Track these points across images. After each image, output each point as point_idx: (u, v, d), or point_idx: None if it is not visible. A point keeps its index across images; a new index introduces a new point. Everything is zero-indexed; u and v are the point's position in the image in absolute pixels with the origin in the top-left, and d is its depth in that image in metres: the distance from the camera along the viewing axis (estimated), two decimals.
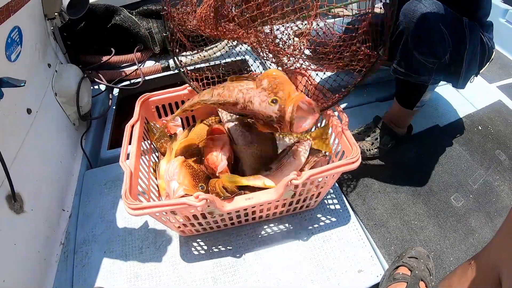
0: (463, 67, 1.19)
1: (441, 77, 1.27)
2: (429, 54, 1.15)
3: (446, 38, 1.12)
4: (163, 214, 0.98)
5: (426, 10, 1.10)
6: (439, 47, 1.13)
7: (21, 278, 1.04)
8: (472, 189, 1.36)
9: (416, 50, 1.17)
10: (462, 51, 1.16)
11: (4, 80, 0.92)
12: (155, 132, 1.28)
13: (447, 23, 1.11)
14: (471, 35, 1.15)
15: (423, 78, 1.23)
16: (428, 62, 1.17)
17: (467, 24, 1.15)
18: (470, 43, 1.16)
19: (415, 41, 1.15)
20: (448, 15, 1.12)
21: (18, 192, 1.08)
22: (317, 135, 1.16)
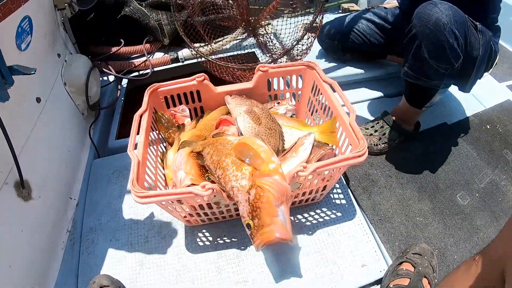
0: (473, 72, 1.19)
1: (452, 82, 1.27)
2: (443, 60, 1.14)
3: (460, 43, 1.11)
4: (169, 203, 0.99)
5: (442, 15, 1.08)
6: (453, 53, 1.12)
7: (27, 265, 1.05)
8: (479, 188, 1.36)
9: (429, 56, 1.16)
10: (475, 57, 1.15)
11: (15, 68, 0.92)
12: (163, 122, 1.28)
13: (461, 29, 1.10)
14: (483, 40, 1.15)
15: (434, 83, 1.23)
16: (441, 67, 1.17)
17: (480, 30, 1.14)
18: (482, 49, 1.15)
19: (429, 47, 1.14)
20: (463, 20, 1.11)
21: (26, 180, 1.10)
22: (324, 129, 1.16)
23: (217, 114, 1.30)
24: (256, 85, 1.33)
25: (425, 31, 1.13)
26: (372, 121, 1.51)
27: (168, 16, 1.92)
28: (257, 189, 0.86)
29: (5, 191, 1.01)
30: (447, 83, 1.26)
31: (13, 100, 0.99)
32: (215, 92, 1.31)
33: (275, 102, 1.38)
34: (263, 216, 0.84)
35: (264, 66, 1.28)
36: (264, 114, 1.20)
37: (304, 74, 1.32)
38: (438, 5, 1.10)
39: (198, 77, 1.26)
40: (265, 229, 0.84)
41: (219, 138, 1.08)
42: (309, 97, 1.34)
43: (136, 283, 1.10)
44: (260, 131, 1.16)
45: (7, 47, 1.08)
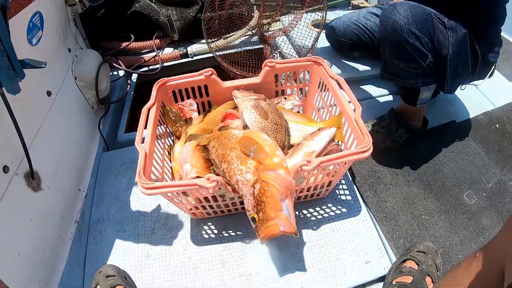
0: (448, 71, 1.17)
1: (432, 79, 1.25)
2: (408, 60, 1.15)
3: (424, 42, 1.11)
4: (175, 194, 1.00)
5: (399, 17, 1.09)
6: (417, 53, 1.12)
7: (35, 254, 1.07)
8: (486, 187, 1.35)
9: (395, 58, 1.18)
10: (445, 54, 1.14)
11: (26, 61, 0.94)
12: (171, 116, 1.30)
13: (423, 28, 1.10)
14: (454, 36, 1.13)
15: (410, 82, 1.23)
16: (410, 67, 1.17)
17: (450, 26, 1.12)
18: (453, 46, 1.13)
19: (391, 50, 1.17)
20: (426, 18, 1.10)
21: (36, 171, 1.12)
22: (330, 124, 1.16)
23: (224, 109, 1.31)
24: (264, 81, 1.33)
25: (386, 34, 1.15)
26: (379, 118, 1.50)
27: (178, 12, 1.94)
28: (262, 183, 0.87)
29: (15, 182, 1.03)
30: (426, 81, 1.24)
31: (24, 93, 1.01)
32: (223, 87, 1.32)
33: (282, 97, 1.38)
34: (268, 210, 0.85)
35: (271, 62, 1.29)
36: (271, 109, 1.20)
37: (311, 70, 1.32)
38: (397, 7, 1.11)
39: (206, 72, 1.27)
40: (270, 223, 0.85)
41: (224, 131, 1.09)
42: (316, 93, 1.34)
43: (141, 273, 1.11)
44: (267, 126, 1.16)
45: (18, 41, 1.10)
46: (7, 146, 1.02)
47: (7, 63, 0.87)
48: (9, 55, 0.87)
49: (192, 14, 1.94)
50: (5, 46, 0.85)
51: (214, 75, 1.29)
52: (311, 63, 1.30)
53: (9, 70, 0.88)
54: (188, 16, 1.94)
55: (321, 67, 1.26)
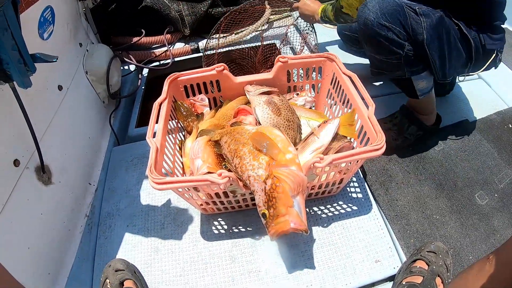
0: (429, 56, 1.17)
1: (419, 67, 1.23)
2: (386, 52, 1.17)
3: (397, 32, 1.12)
4: (186, 190, 1.00)
5: (368, 13, 1.12)
6: (393, 43, 1.14)
7: (45, 247, 1.08)
8: (498, 188, 1.33)
9: (374, 53, 1.21)
10: (421, 39, 1.14)
11: (37, 55, 0.94)
12: (182, 111, 1.30)
13: (393, 18, 1.11)
14: (427, 21, 1.13)
15: (398, 73, 1.23)
16: (391, 59, 1.18)
17: (422, 13, 1.13)
18: (427, 31, 1.13)
19: (368, 45, 1.21)
20: (394, 8, 1.11)
21: (47, 164, 1.13)
22: (343, 121, 1.15)
23: (236, 104, 1.30)
24: (276, 76, 1.33)
25: (361, 32, 1.19)
26: (391, 115, 1.49)
27: (189, 7, 1.93)
28: (274, 179, 0.86)
29: (26, 175, 1.04)
30: (414, 70, 1.23)
31: (36, 87, 1.02)
32: (235, 82, 1.32)
33: (294, 93, 1.38)
34: (279, 206, 0.85)
35: (284, 57, 1.28)
36: (284, 106, 1.20)
37: (324, 66, 1.31)
38: (367, 4, 1.14)
39: (218, 67, 1.27)
40: (280, 219, 0.85)
41: (237, 127, 1.08)
42: (329, 89, 1.33)
43: (150, 268, 1.12)
44: (279, 122, 1.16)
45: (29, 36, 1.11)
46: (18, 140, 1.03)
47: (18, 57, 0.87)
48: (20, 49, 0.87)
49: (203, 9, 1.93)
50: (16, 40, 0.85)
51: (226, 70, 1.29)
52: (324, 59, 1.29)
53: (20, 64, 0.88)
54: (200, 11, 1.94)
55: (334, 63, 1.25)
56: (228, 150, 1.01)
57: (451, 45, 1.20)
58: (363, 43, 1.24)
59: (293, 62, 1.30)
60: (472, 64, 1.29)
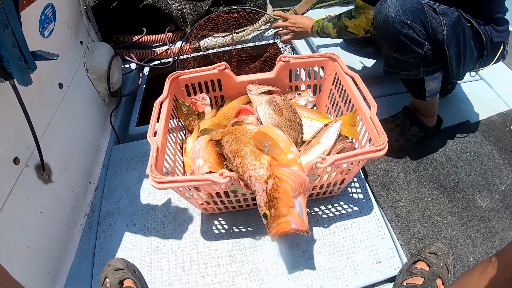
0: (447, 56, 1.16)
1: (436, 67, 1.23)
2: (406, 51, 1.15)
3: (418, 30, 1.11)
4: (186, 189, 1.00)
5: (389, 10, 1.10)
6: (413, 42, 1.12)
7: (45, 245, 1.08)
8: (499, 189, 1.32)
9: (393, 51, 1.18)
10: (440, 39, 1.13)
11: (38, 53, 0.94)
12: (184, 110, 1.29)
13: (414, 16, 1.10)
14: (447, 20, 1.12)
15: (413, 73, 1.22)
16: (409, 58, 1.17)
17: (441, 12, 1.12)
18: (447, 30, 1.12)
19: (387, 43, 1.18)
20: (415, 6, 1.10)
21: (47, 163, 1.12)
22: (345, 121, 1.15)
23: (237, 104, 1.30)
24: (278, 76, 1.32)
25: (380, 29, 1.16)
26: (393, 116, 1.48)
27: (191, 6, 1.93)
28: (275, 179, 0.86)
29: (26, 174, 1.04)
30: (430, 70, 1.22)
31: (36, 85, 1.01)
32: (236, 81, 1.32)
33: (296, 93, 1.37)
34: (280, 206, 0.84)
35: (286, 57, 1.28)
36: (286, 105, 1.19)
37: (326, 66, 1.31)
38: (387, 1, 1.11)
39: (219, 66, 1.27)
40: (282, 220, 0.84)
41: (238, 126, 1.08)
42: (330, 89, 1.33)
43: (150, 267, 1.11)
44: (281, 122, 1.15)
45: (30, 33, 1.10)
46: (18, 138, 1.02)
47: (18, 54, 0.86)
48: (20, 46, 0.86)
49: (205, 8, 1.92)
50: (17, 38, 0.84)
51: (228, 69, 1.28)
52: (326, 59, 1.29)
53: (20, 61, 0.87)
54: (201, 10, 1.93)
55: (336, 63, 1.25)
56: (229, 149, 1.00)
57: (466, 44, 1.19)
58: (381, 40, 1.22)
59: (295, 61, 1.29)
60: (483, 60, 1.29)
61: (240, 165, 0.94)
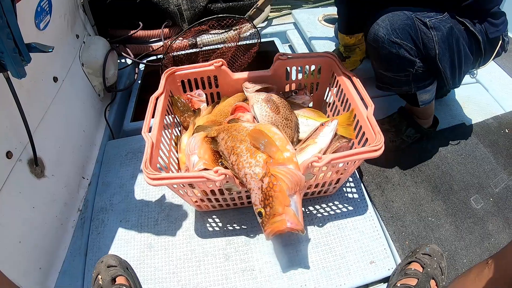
0: (441, 70, 1.13)
1: (427, 82, 1.21)
2: (396, 70, 1.14)
3: (409, 49, 1.08)
4: (181, 186, 0.99)
5: (378, 29, 1.08)
6: (404, 60, 1.10)
7: (37, 241, 1.06)
8: (493, 192, 1.33)
9: (382, 69, 1.17)
10: (433, 54, 1.10)
11: (32, 45, 0.92)
12: (179, 106, 1.28)
13: (404, 34, 1.07)
14: (438, 35, 1.08)
15: (405, 89, 1.20)
16: (400, 76, 1.15)
17: (432, 26, 1.08)
18: (439, 45, 1.09)
19: (377, 62, 1.17)
20: (405, 23, 1.07)
21: (40, 157, 1.11)
22: (341, 121, 1.15)
23: (233, 101, 1.29)
24: (274, 73, 1.32)
25: (370, 49, 1.15)
26: (389, 117, 1.48)
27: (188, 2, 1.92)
28: (271, 177, 0.85)
29: (19, 168, 1.02)
30: (420, 85, 1.20)
31: (30, 77, 1.00)
32: (233, 78, 1.31)
33: (292, 91, 1.37)
34: (275, 205, 0.84)
35: (283, 54, 1.27)
36: (282, 104, 1.19)
37: (323, 65, 1.30)
38: (376, 17, 1.09)
39: (216, 62, 1.26)
40: (277, 218, 0.84)
41: (234, 124, 1.07)
42: (327, 88, 1.32)
43: (143, 264, 1.10)
44: (277, 121, 1.15)
45: (26, 25, 1.09)
46: (11, 132, 1.01)
47: (13, 46, 0.84)
48: (15, 38, 0.84)
49: (202, 4, 1.92)
50: (12, 29, 0.82)
51: (225, 66, 1.28)
52: (324, 58, 1.28)
53: (15, 53, 0.85)
54: (199, 6, 1.93)
55: (334, 63, 1.25)
56: (225, 147, 1.00)
57: (461, 54, 1.16)
58: (372, 59, 1.20)
59: (292, 60, 1.29)
60: (483, 58, 1.27)
61: (235, 163, 0.93)
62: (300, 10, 2.19)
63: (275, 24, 2.17)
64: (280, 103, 1.19)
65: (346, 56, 1.38)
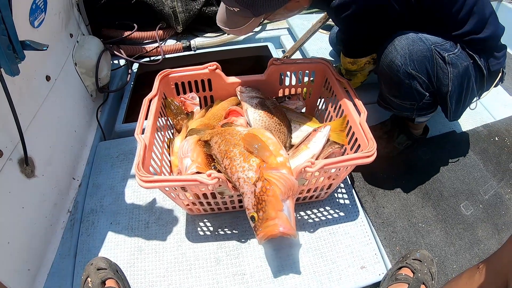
0: (448, 106, 1.14)
1: (430, 111, 1.21)
2: (402, 98, 1.13)
3: (422, 82, 1.07)
4: (173, 189, 0.98)
5: (396, 56, 1.05)
6: (414, 92, 1.09)
7: (26, 242, 1.05)
8: (483, 199, 1.34)
9: (389, 95, 1.16)
10: (445, 91, 1.09)
11: (27, 43, 0.91)
12: (172, 109, 1.28)
13: (421, 67, 1.05)
14: (455, 72, 1.07)
15: (406, 114, 1.21)
16: (406, 103, 1.15)
17: (450, 62, 1.06)
18: (453, 82, 1.08)
19: (387, 87, 1.15)
20: (424, 55, 1.04)
21: (30, 157, 1.09)
22: (334, 126, 1.15)
23: (227, 105, 1.29)
24: (268, 78, 1.32)
25: (382, 71, 1.12)
26: (381, 123, 1.49)
27: (183, 4, 1.92)
28: (264, 182, 0.85)
29: (9, 167, 1.01)
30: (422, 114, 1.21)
31: (23, 76, 0.99)
32: (226, 82, 1.31)
33: (285, 96, 1.37)
34: (268, 209, 0.84)
35: (277, 60, 1.27)
36: (276, 109, 1.19)
37: (317, 71, 1.31)
38: (395, 43, 1.06)
39: (211, 65, 1.26)
40: (269, 223, 0.84)
41: (228, 128, 1.07)
42: (320, 94, 1.33)
43: (133, 267, 1.09)
44: (270, 125, 1.15)
45: (20, 23, 1.07)
46: (2, 130, 0.99)
47: (7, 42, 0.83)
48: (10, 34, 0.83)
49: (197, 7, 1.92)
50: (7, 25, 0.81)
51: (219, 70, 1.27)
52: (318, 64, 1.29)
53: (9, 50, 0.84)
54: (193, 9, 1.92)
55: (327, 68, 1.25)
56: (218, 150, 1.00)
57: (469, 90, 1.15)
58: (381, 81, 1.18)
59: (286, 65, 1.29)
60: (483, 92, 1.27)
61: (228, 167, 0.93)
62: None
63: (269, 29, 2.17)
64: (274, 108, 1.19)
65: (348, 78, 1.36)
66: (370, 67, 1.33)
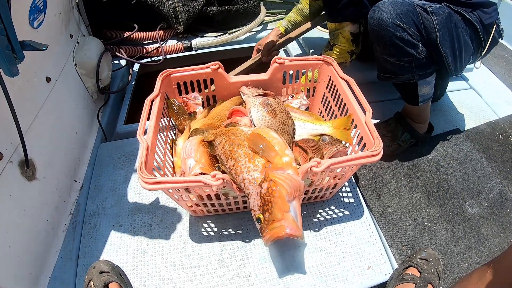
0: (442, 54, 1.18)
1: (429, 70, 1.24)
2: (400, 54, 1.17)
3: (412, 32, 1.13)
4: (176, 191, 0.97)
5: (382, 14, 1.13)
6: (407, 44, 1.14)
7: (27, 245, 1.03)
8: (488, 197, 1.34)
9: (387, 55, 1.20)
10: (434, 38, 1.15)
11: (26, 43, 0.89)
12: (175, 109, 1.26)
13: (407, 18, 1.12)
14: (438, 19, 1.14)
15: (407, 77, 1.23)
16: (404, 61, 1.18)
17: (432, 11, 1.14)
18: (439, 29, 1.14)
19: (381, 47, 1.20)
20: (407, 8, 1.13)
21: (31, 159, 1.08)
22: (338, 125, 1.14)
23: (230, 104, 1.28)
24: (272, 77, 1.31)
25: (374, 34, 1.18)
26: (385, 122, 1.49)
27: (184, 4, 1.90)
28: (270, 182, 0.84)
29: (9, 170, 0.99)
30: (422, 73, 1.24)
31: (23, 77, 0.97)
32: (229, 81, 1.29)
33: (289, 95, 1.36)
34: (275, 210, 0.83)
35: (280, 58, 1.26)
36: (280, 108, 1.18)
37: (321, 69, 1.30)
38: (379, 5, 1.14)
39: (213, 65, 1.24)
40: (276, 224, 0.83)
41: (232, 128, 1.06)
42: (324, 92, 1.32)
43: (136, 270, 1.08)
44: (274, 125, 1.13)
45: (19, 23, 1.06)
46: (2, 132, 0.98)
47: (6, 43, 0.82)
48: (9, 34, 0.81)
49: (198, 7, 1.90)
50: (5, 25, 0.80)
51: (221, 69, 1.26)
52: (321, 62, 1.28)
53: (8, 50, 0.83)
54: (194, 9, 1.91)
55: (331, 67, 1.24)
56: (222, 151, 0.98)
57: (460, 39, 1.21)
58: (375, 44, 1.23)
59: (289, 64, 1.28)
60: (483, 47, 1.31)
61: (233, 167, 0.92)
62: None
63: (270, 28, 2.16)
64: (277, 107, 1.17)
65: (333, 44, 1.44)
66: (349, 27, 1.39)
